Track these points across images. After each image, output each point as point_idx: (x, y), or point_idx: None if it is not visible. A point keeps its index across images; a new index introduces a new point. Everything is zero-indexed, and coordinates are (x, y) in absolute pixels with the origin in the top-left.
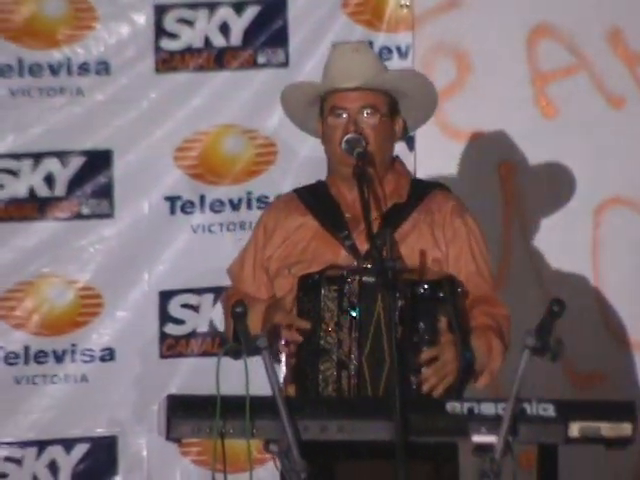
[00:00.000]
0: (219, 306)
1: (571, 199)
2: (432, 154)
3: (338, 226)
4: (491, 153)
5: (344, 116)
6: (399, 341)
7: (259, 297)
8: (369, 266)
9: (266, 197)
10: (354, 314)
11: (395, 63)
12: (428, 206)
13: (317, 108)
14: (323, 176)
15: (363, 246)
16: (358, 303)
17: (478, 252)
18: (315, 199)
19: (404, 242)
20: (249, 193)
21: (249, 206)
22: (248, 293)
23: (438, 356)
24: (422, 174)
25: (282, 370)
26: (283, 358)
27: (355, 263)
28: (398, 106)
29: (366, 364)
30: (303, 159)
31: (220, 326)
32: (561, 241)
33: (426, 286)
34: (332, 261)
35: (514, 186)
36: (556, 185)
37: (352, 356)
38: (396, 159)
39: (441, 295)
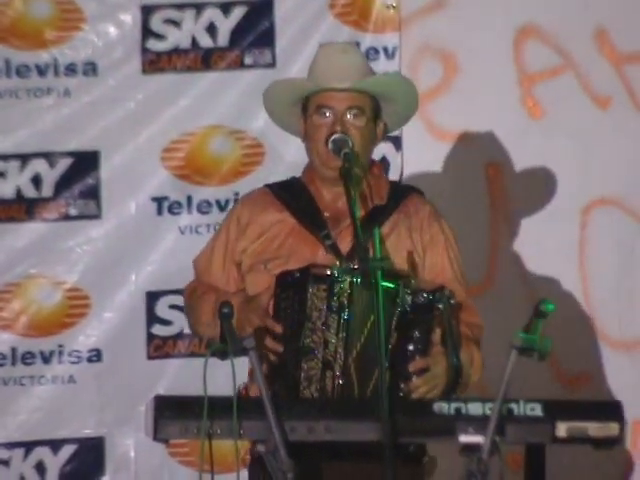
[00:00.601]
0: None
1: (558, 199)
2: (419, 155)
3: (317, 225)
4: (478, 154)
5: (329, 115)
6: (393, 347)
7: (227, 290)
8: (356, 267)
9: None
10: (344, 315)
11: (382, 64)
12: (406, 209)
13: (299, 106)
14: None
15: (343, 246)
16: (348, 304)
17: (454, 258)
18: (291, 196)
19: (384, 243)
20: (236, 194)
21: None
22: (216, 286)
23: (429, 367)
24: (409, 175)
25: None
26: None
27: (337, 263)
28: (380, 108)
29: (353, 365)
30: (290, 160)
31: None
32: (548, 241)
33: (425, 295)
34: (310, 259)
35: (501, 186)
36: (543, 185)
37: (338, 356)
38: (374, 162)
39: (439, 306)
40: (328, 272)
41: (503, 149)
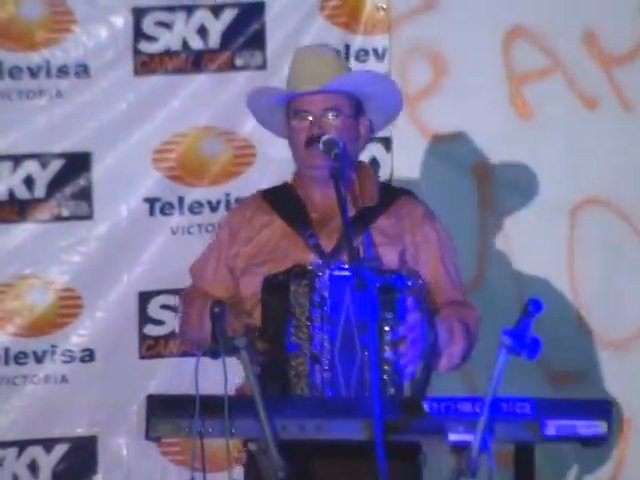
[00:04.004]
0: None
1: (547, 199)
2: (409, 155)
3: (303, 225)
4: (467, 154)
5: (307, 118)
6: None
7: (219, 296)
8: (336, 261)
9: (245, 199)
10: (326, 308)
11: (372, 65)
12: (397, 212)
13: (283, 111)
14: None
15: (328, 245)
16: (329, 297)
17: (448, 259)
18: (280, 200)
19: (375, 244)
20: (227, 195)
21: (228, 208)
22: (208, 292)
23: (407, 335)
24: (399, 175)
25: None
26: None
27: (320, 262)
28: (363, 107)
29: (338, 357)
30: (281, 161)
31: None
32: (537, 241)
33: (393, 276)
34: (302, 261)
35: (490, 187)
36: (532, 185)
37: (324, 350)
38: (361, 163)
39: (409, 284)
40: (309, 268)
41: (492, 149)
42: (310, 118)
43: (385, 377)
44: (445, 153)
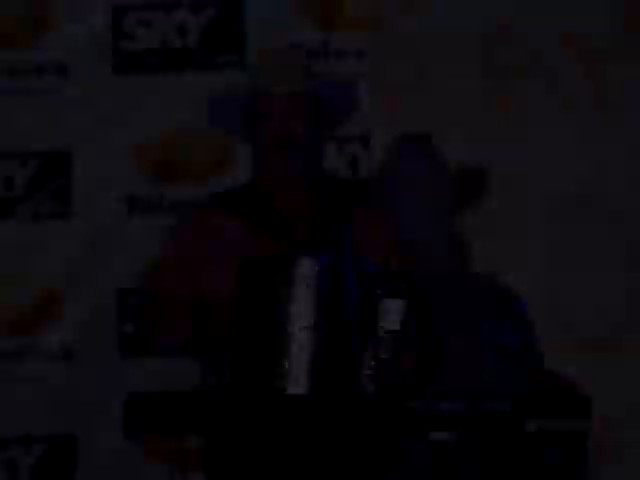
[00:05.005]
0: None
1: (526, 198)
2: (387, 154)
3: (275, 224)
4: (446, 153)
5: (274, 119)
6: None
7: (184, 295)
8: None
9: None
10: (321, 299)
11: (351, 64)
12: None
13: (240, 110)
14: None
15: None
16: (326, 290)
17: (397, 247)
18: (246, 203)
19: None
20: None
21: None
22: (173, 294)
23: (402, 338)
24: (377, 174)
25: None
26: None
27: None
28: (320, 108)
29: (328, 349)
30: None
31: None
32: (516, 240)
33: (394, 278)
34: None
35: (469, 186)
36: (511, 184)
37: (311, 336)
38: None
39: (403, 287)
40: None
41: (471, 148)
42: (275, 119)
43: (369, 373)
44: (424, 152)
